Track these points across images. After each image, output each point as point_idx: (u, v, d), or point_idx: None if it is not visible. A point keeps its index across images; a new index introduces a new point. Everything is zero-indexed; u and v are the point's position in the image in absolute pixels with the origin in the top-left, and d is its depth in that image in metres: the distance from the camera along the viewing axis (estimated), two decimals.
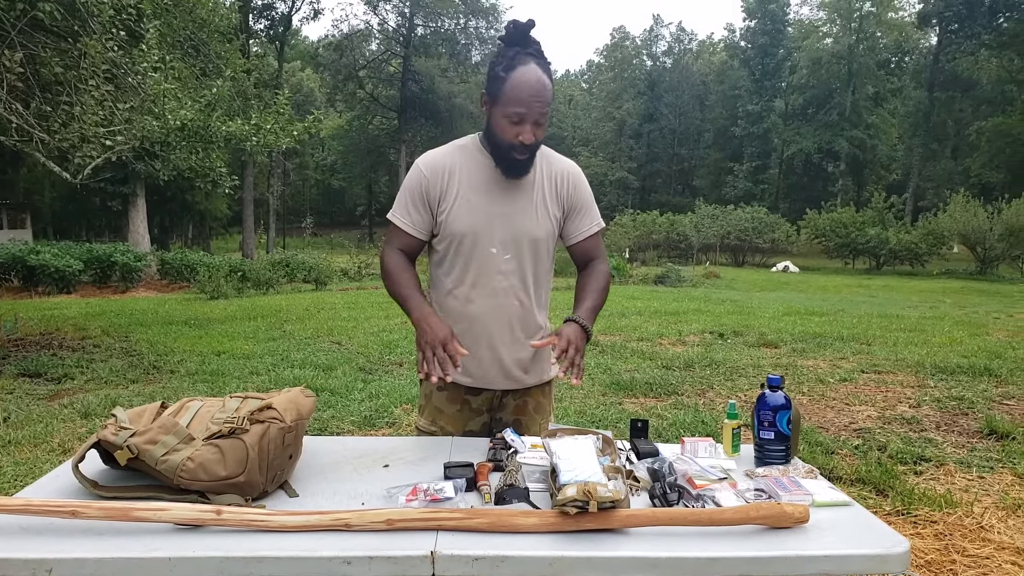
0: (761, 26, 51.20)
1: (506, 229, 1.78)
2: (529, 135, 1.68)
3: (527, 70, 1.66)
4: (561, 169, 1.86)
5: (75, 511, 1.21)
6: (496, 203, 1.78)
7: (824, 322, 9.60)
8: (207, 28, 10.68)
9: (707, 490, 1.40)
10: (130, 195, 19.28)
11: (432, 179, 1.79)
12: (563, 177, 1.85)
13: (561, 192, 1.85)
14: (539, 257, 1.84)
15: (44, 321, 9.10)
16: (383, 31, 41.06)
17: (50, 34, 6.77)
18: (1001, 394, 5.37)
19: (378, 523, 1.23)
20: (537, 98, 1.66)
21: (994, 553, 2.69)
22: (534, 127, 1.69)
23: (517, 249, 1.79)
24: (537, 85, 1.66)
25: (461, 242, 1.78)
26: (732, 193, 47.37)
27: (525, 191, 1.80)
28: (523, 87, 1.65)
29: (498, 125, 1.70)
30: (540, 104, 1.67)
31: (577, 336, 1.68)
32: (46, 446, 4.02)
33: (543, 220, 1.82)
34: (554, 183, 1.84)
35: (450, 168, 1.79)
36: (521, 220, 1.79)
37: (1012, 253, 25.42)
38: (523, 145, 1.69)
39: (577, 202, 1.87)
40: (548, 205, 1.83)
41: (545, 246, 1.84)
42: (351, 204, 57.57)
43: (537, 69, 1.67)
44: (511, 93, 1.66)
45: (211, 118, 7.96)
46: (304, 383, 5.43)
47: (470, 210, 1.77)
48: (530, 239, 1.80)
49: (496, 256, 1.78)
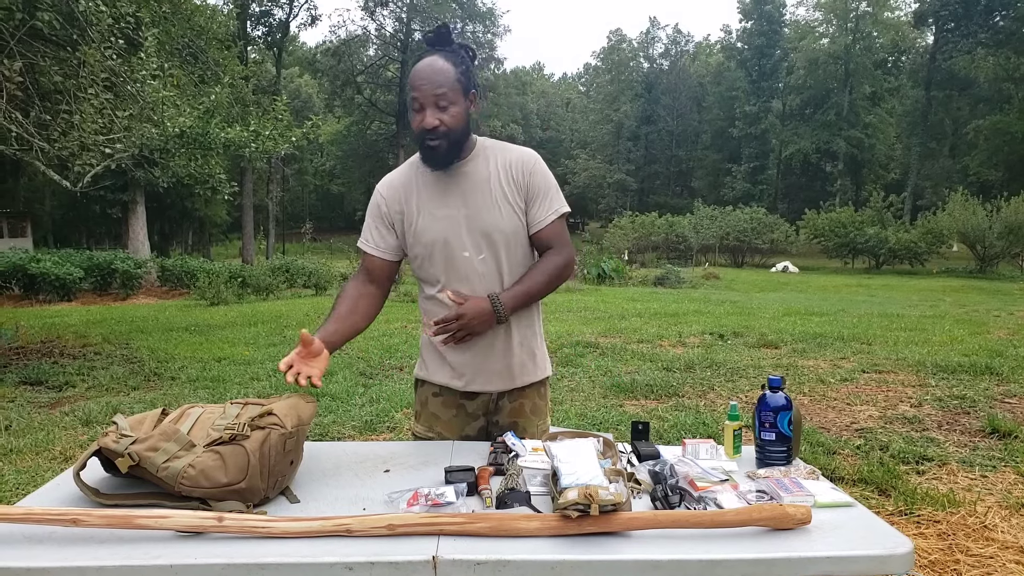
0: (757, 27, 51.32)
1: (473, 230, 1.77)
2: (430, 119, 1.67)
3: (423, 61, 1.70)
4: (515, 157, 1.82)
5: (76, 519, 1.21)
6: (456, 207, 1.77)
7: (824, 322, 9.60)
8: (205, 35, 10.72)
9: (709, 492, 1.39)
10: (130, 202, 19.28)
11: (390, 200, 1.83)
12: (518, 165, 1.81)
13: (518, 180, 1.80)
14: (513, 252, 1.81)
15: (45, 329, 9.10)
16: (380, 36, 41.12)
17: (49, 43, 6.78)
18: (1003, 392, 5.36)
19: (379, 528, 1.23)
20: (427, 80, 1.67)
21: (998, 553, 2.69)
22: (436, 111, 1.68)
23: (490, 248, 1.78)
24: (427, 70, 1.68)
25: (432, 252, 1.79)
26: (730, 194, 47.43)
27: (481, 187, 1.78)
28: (416, 75, 1.68)
29: (411, 120, 1.73)
30: (431, 85, 1.67)
31: (475, 312, 1.72)
32: (47, 454, 4.02)
33: (507, 213, 1.79)
34: (508, 172, 1.80)
35: (405, 185, 1.82)
36: (485, 217, 1.77)
37: (1011, 251, 25.45)
38: (427, 131, 1.68)
39: (534, 189, 1.81)
40: (508, 196, 1.79)
41: (516, 240, 1.81)
42: (350, 209, 57.55)
43: (436, 58, 1.69)
44: (409, 84, 1.70)
45: (210, 125, 7.98)
46: (305, 389, 5.43)
47: (433, 220, 1.78)
48: (499, 234, 1.78)
49: (470, 259, 1.77)
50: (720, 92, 53.68)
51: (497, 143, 1.86)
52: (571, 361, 6.73)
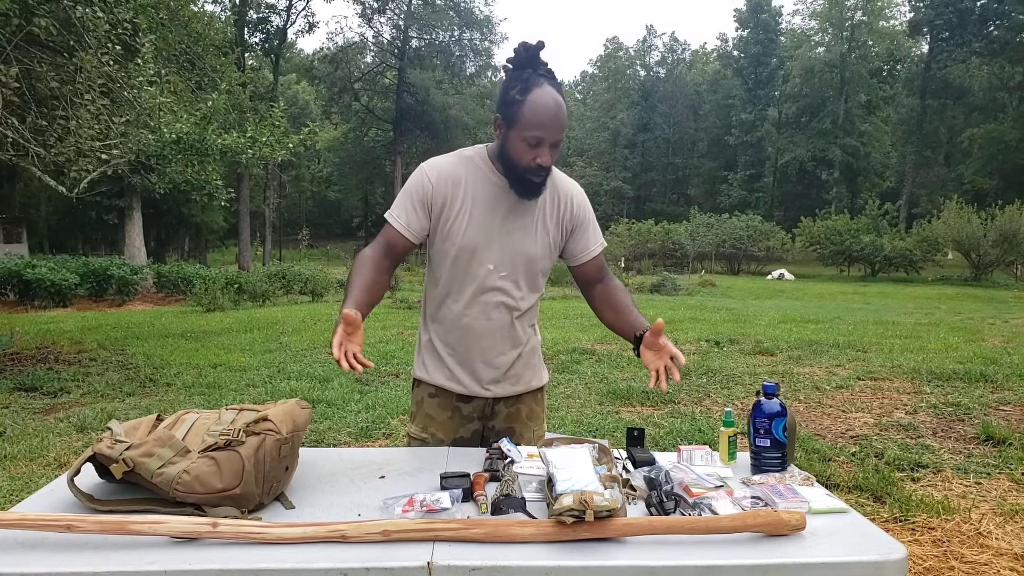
0: (753, 35, 51.56)
1: (504, 248, 1.78)
2: (547, 158, 1.67)
3: (543, 92, 1.64)
4: (564, 191, 1.85)
5: (70, 525, 1.21)
6: (498, 221, 1.77)
7: (820, 329, 9.62)
8: (202, 42, 10.74)
9: (704, 498, 1.39)
10: (126, 208, 19.24)
11: (438, 186, 1.76)
12: (567, 199, 1.85)
13: (564, 214, 1.84)
14: (533, 275, 1.84)
15: (40, 335, 9.07)
16: (378, 44, 41.19)
17: (46, 49, 6.79)
18: (997, 400, 5.38)
19: (374, 534, 1.23)
20: (556, 121, 1.65)
21: (992, 559, 2.69)
22: (551, 149, 1.68)
23: (513, 268, 1.79)
24: (555, 108, 1.64)
25: (459, 255, 1.77)
26: (727, 201, 47.55)
27: (528, 211, 1.79)
28: (541, 111, 1.63)
29: (515, 148, 1.67)
30: (558, 127, 1.65)
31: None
32: (42, 460, 4.00)
33: (542, 241, 1.81)
34: (556, 205, 1.83)
35: (456, 179, 1.77)
36: (520, 239, 1.79)
37: (1006, 259, 25.58)
38: (540, 168, 1.68)
39: (580, 223, 1.87)
40: (548, 227, 1.82)
41: (540, 266, 1.84)
42: (347, 216, 57.61)
43: (553, 91, 1.66)
44: (529, 117, 1.63)
45: (207, 131, 7.98)
46: (301, 395, 5.42)
47: (473, 225, 1.76)
48: (526, 258, 1.80)
49: (492, 273, 1.78)
50: (716, 100, 53.90)
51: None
52: (567, 368, 6.74)
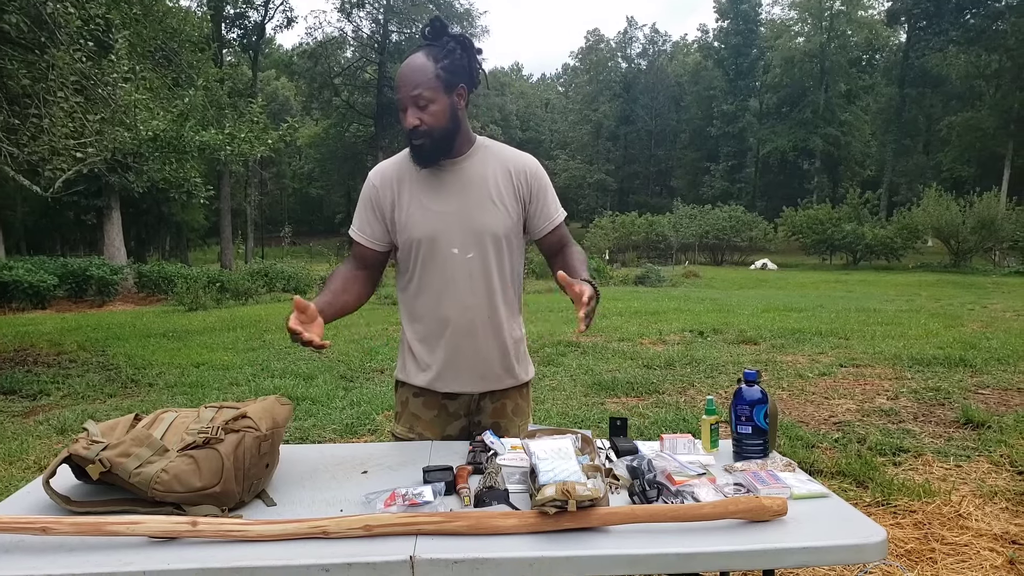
0: (734, 26, 51.77)
1: (464, 227, 1.75)
2: (411, 119, 1.66)
3: (406, 60, 1.68)
4: (516, 162, 1.82)
5: (46, 527, 1.19)
6: (449, 203, 1.76)
7: (803, 318, 9.70)
8: (178, 38, 10.62)
9: (686, 486, 1.40)
10: (104, 208, 18.98)
11: (382, 189, 1.79)
12: (520, 170, 1.81)
13: (520, 184, 1.80)
14: (503, 254, 1.80)
15: (18, 337, 8.94)
16: (358, 38, 40.92)
17: (16, 46, 6.66)
18: (976, 384, 5.45)
19: (356, 529, 1.22)
20: (405, 80, 1.66)
21: (972, 540, 2.73)
22: (416, 110, 1.66)
23: (479, 247, 1.76)
24: (405, 69, 1.66)
25: (420, 246, 1.76)
26: (709, 193, 47.81)
27: (477, 186, 1.77)
28: (398, 74, 1.68)
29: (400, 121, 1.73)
30: (408, 86, 1.65)
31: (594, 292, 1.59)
32: (21, 463, 3.95)
33: (501, 214, 1.78)
34: (508, 176, 1.79)
35: (399, 176, 1.79)
36: (478, 216, 1.76)
37: (984, 245, 25.93)
38: (412, 130, 1.68)
39: (537, 191, 1.82)
40: (504, 199, 1.78)
41: (507, 242, 1.80)
42: (329, 212, 57.20)
43: (418, 55, 1.67)
44: (397, 87, 1.69)
45: (184, 128, 7.89)
46: (285, 392, 5.38)
47: (424, 213, 1.75)
48: (490, 234, 1.77)
49: (458, 256, 1.75)
50: (698, 91, 54.11)
51: (497, 144, 1.84)
52: (552, 360, 6.74)
